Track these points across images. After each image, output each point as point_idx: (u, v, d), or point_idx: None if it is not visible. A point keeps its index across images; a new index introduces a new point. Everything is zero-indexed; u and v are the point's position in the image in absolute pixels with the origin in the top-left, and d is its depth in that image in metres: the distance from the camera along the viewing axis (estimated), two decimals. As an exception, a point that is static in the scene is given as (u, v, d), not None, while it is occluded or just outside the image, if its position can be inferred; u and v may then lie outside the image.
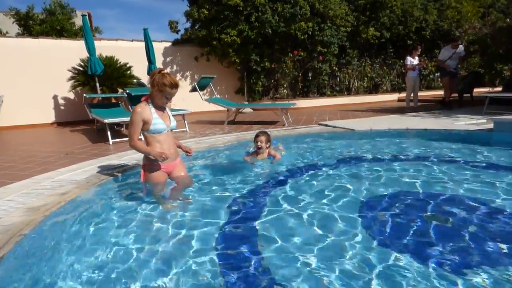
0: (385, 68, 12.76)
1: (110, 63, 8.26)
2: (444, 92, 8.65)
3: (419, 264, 1.59)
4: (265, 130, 3.75)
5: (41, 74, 8.33)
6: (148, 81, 3.33)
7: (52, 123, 8.64)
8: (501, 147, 3.92)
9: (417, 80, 9.01)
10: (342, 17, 10.52)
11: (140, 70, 8.80)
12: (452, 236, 1.91)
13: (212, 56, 10.15)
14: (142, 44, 8.50)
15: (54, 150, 4.75)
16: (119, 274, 1.59)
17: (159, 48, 9.82)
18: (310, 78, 11.54)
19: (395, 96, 12.74)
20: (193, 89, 7.69)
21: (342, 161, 3.67)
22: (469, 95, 9.25)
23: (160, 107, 2.60)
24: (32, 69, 8.23)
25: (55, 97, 8.63)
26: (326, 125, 5.93)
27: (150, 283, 1.52)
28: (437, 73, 13.41)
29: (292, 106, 7.40)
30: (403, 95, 10.67)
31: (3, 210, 2.28)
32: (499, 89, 10.45)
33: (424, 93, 12.22)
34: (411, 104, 9.08)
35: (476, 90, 9.87)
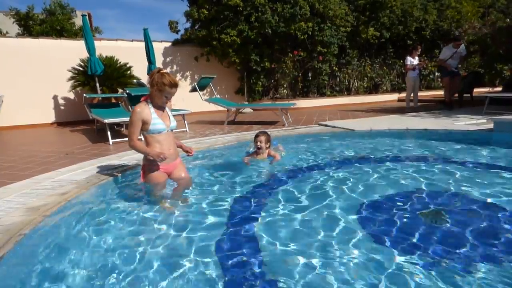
0: (385, 68, 12.76)
1: (110, 63, 8.27)
2: (444, 92, 8.64)
3: (419, 264, 1.59)
4: (265, 130, 3.75)
5: (41, 74, 8.33)
6: (148, 81, 3.34)
7: (52, 123, 8.64)
8: (501, 147, 3.92)
9: (417, 80, 9.01)
10: (342, 17, 10.52)
11: (140, 70, 8.81)
12: (452, 236, 1.91)
13: (212, 56, 10.16)
14: (142, 44, 8.51)
15: (54, 150, 4.75)
16: (118, 275, 1.59)
17: (159, 48, 9.83)
18: (310, 78, 11.54)
19: (395, 96, 12.75)
20: (193, 89, 7.69)
21: (342, 161, 3.67)
22: (469, 95, 9.25)
23: (160, 107, 2.60)
24: (32, 69, 8.24)
25: (55, 97, 8.64)
26: (326, 125, 5.92)
27: (150, 283, 1.52)
28: (437, 73, 13.41)
29: (292, 106, 7.40)
30: (403, 95, 10.68)
31: (3, 210, 2.28)
32: (499, 89, 10.46)
33: (424, 93, 12.23)
34: (411, 104, 9.08)
35: (476, 90, 9.88)
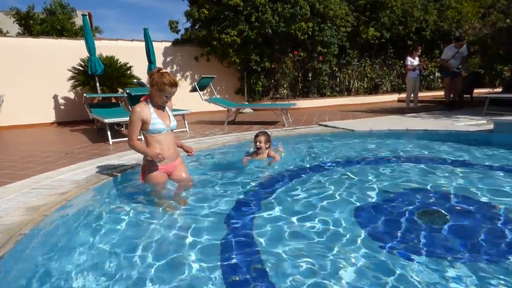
0: (385, 68, 12.77)
1: (110, 63, 8.26)
2: (445, 93, 8.64)
3: (419, 264, 1.59)
4: (265, 131, 3.74)
5: (41, 73, 8.33)
6: (147, 81, 3.34)
7: (52, 122, 8.64)
8: (501, 148, 3.92)
9: (417, 80, 9.01)
10: (342, 17, 10.53)
11: (140, 70, 8.81)
12: (452, 236, 1.91)
13: (212, 56, 10.16)
14: (142, 44, 8.51)
15: (54, 150, 4.75)
16: (118, 275, 1.59)
17: (159, 48, 9.83)
18: (310, 78, 11.55)
19: (395, 96, 12.75)
20: (193, 89, 7.69)
21: (342, 161, 3.67)
22: (469, 96, 9.25)
23: (160, 107, 2.60)
24: (32, 69, 8.24)
25: (55, 97, 8.64)
26: (326, 126, 5.92)
27: (150, 283, 1.52)
28: (437, 74, 13.41)
29: (292, 107, 7.40)
30: (403, 95, 10.68)
31: (3, 210, 2.28)
32: (499, 90, 10.46)
33: (424, 94, 12.24)
34: (411, 104, 9.08)
35: (476, 91, 9.88)
